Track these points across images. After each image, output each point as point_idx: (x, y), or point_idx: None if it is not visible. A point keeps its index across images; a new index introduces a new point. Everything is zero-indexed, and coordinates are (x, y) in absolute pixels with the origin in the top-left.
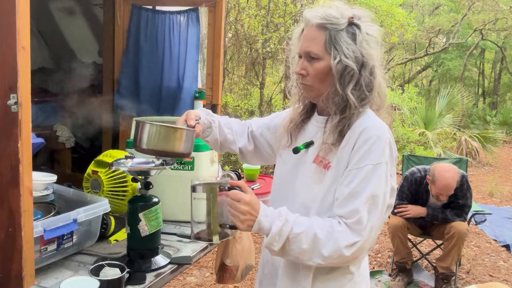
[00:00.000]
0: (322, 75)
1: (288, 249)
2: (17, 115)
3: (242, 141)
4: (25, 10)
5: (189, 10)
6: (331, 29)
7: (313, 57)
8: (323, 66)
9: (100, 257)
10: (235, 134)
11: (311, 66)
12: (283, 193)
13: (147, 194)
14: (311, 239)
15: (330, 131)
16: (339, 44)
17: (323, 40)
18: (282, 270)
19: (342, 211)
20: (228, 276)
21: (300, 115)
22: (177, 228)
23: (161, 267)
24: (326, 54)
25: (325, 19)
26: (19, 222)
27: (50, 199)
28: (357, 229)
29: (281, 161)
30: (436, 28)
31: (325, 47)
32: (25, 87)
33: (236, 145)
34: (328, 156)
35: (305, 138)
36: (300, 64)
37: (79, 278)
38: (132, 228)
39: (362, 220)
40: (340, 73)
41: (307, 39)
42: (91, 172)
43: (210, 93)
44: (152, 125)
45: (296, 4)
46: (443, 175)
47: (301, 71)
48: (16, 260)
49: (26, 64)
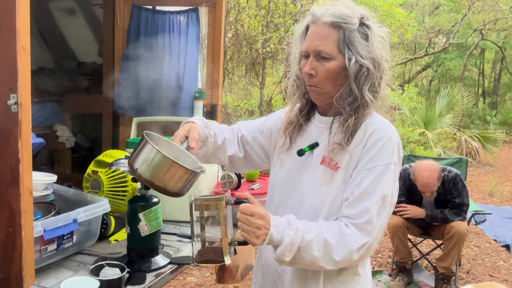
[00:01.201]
0: (332, 76)
1: (299, 257)
2: (17, 115)
3: (232, 148)
4: (25, 10)
5: (189, 10)
6: (346, 28)
7: (325, 57)
8: (335, 66)
9: (100, 257)
10: (226, 142)
11: (321, 66)
12: (287, 197)
13: (147, 194)
14: (322, 246)
15: (339, 132)
16: (354, 44)
17: (336, 39)
18: (289, 277)
19: (352, 211)
20: (228, 276)
21: (299, 116)
22: (177, 228)
23: (161, 267)
24: (338, 54)
25: (339, 18)
26: (19, 222)
27: (50, 199)
28: (367, 230)
29: (279, 164)
30: (436, 28)
31: (338, 47)
32: (25, 87)
33: (226, 154)
34: (336, 157)
35: (307, 140)
36: (309, 64)
37: (79, 278)
38: (132, 228)
39: (372, 220)
40: (356, 74)
41: (317, 37)
42: (91, 172)
43: (210, 93)
44: (152, 149)
45: (296, 4)
46: (421, 174)
47: (310, 71)
48: (16, 260)
49: (26, 64)
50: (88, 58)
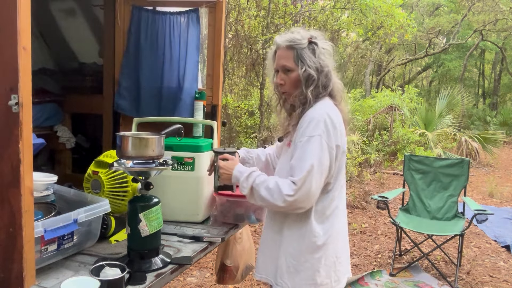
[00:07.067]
0: (295, 82)
1: (251, 194)
2: (18, 115)
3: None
4: (26, 11)
5: (190, 11)
6: (297, 48)
7: (288, 70)
8: (296, 75)
9: (100, 257)
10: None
11: (287, 76)
12: (278, 174)
13: (147, 194)
14: (265, 188)
15: (292, 118)
16: (304, 58)
17: (292, 56)
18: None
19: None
20: (228, 276)
21: (287, 114)
22: (177, 228)
23: (161, 267)
24: (296, 66)
25: (292, 42)
26: (20, 222)
27: (51, 200)
28: (291, 186)
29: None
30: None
31: (294, 61)
32: (26, 88)
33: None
34: (290, 137)
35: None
36: (279, 76)
37: (80, 278)
38: (132, 229)
39: (295, 180)
40: (305, 79)
41: (281, 57)
42: (91, 172)
43: (210, 94)
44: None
45: (296, 5)
46: None
47: (280, 81)
48: (17, 260)
49: (27, 64)
50: (88, 58)
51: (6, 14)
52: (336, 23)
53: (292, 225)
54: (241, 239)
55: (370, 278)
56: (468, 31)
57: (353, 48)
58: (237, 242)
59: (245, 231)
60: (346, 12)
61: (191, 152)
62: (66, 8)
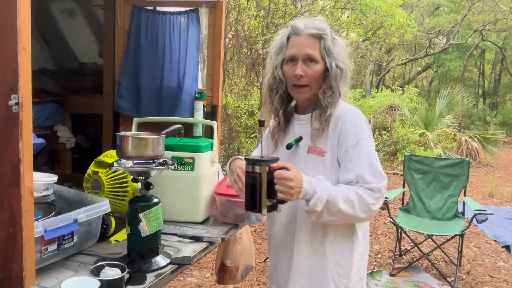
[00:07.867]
0: (318, 76)
1: (326, 209)
2: (18, 115)
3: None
4: (26, 11)
5: (190, 11)
6: (325, 38)
7: (312, 60)
8: (321, 68)
9: (100, 257)
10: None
11: (309, 68)
12: None
13: (147, 194)
14: (345, 200)
15: (317, 121)
16: (332, 51)
17: (318, 47)
18: (300, 247)
19: (351, 178)
20: (228, 276)
21: (279, 116)
22: (177, 228)
23: (161, 267)
24: (321, 59)
25: (320, 30)
26: (19, 222)
27: (51, 200)
28: (374, 195)
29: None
30: (436, 29)
31: (320, 53)
32: (26, 88)
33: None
34: (319, 143)
35: (292, 138)
36: (299, 66)
37: (80, 278)
38: (132, 229)
39: (377, 189)
40: (335, 74)
41: (305, 45)
42: (91, 172)
43: (210, 94)
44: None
45: (296, 5)
46: None
47: (301, 72)
48: (17, 260)
49: (27, 64)
50: (88, 58)
51: (6, 14)
52: (336, 23)
53: (340, 239)
54: (241, 239)
55: (370, 278)
56: (468, 31)
57: (353, 48)
58: (237, 242)
59: (245, 231)
60: (346, 12)
61: (191, 152)
62: (66, 8)
